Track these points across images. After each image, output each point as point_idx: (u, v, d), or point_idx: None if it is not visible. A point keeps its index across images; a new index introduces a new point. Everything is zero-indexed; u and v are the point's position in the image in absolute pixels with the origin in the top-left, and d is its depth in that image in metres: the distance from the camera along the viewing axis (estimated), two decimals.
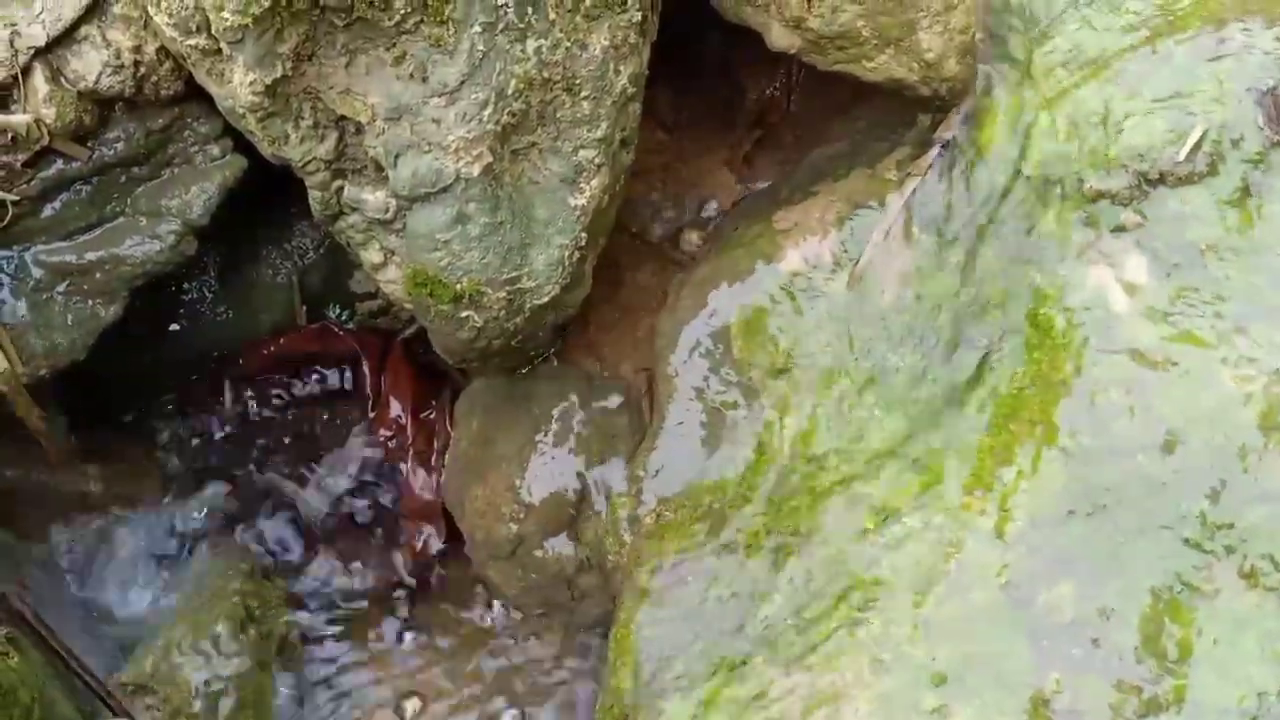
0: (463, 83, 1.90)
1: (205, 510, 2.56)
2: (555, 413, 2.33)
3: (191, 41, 1.89)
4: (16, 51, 2.08)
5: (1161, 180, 2.03)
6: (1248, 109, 2.04)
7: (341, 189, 2.03)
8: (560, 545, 2.29)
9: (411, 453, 2.59)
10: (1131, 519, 1.88)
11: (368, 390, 2.66)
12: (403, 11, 1.82)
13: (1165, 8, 2.15)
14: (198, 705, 2.28)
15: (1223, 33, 2.10)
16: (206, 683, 2.28)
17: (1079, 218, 2.06)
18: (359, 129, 1.95)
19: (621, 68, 2.02)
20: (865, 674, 1.89)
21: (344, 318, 2.70)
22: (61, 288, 2.27)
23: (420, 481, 2.57)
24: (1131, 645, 1.81)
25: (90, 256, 2.26)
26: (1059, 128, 2.11)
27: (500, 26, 1.88)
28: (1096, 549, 1.88)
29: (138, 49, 2.10)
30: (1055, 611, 1.86)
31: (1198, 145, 2.02)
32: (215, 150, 2.26)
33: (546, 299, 2.15)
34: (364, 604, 2.50)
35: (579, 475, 2.28)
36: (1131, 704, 1.79)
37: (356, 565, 2.55)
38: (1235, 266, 1.98)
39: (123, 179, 2.26)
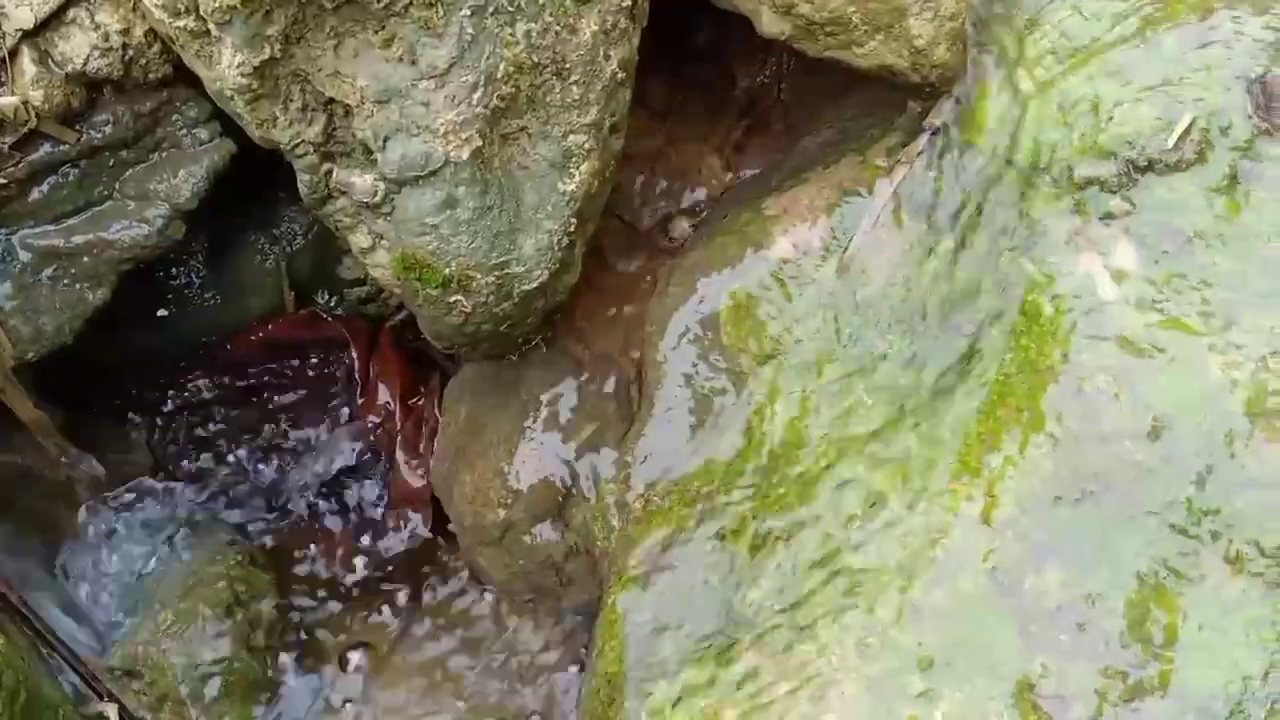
0: (452, 66, 1.89)
1: (193, 495, 2.55)
2: (544, 399, 2.33)
3: (180, 23, 1.88)
4: (4, 34, 2.07)
5: (1150, 168, 2.03)
6: (1236, 97, 2.04)
7: (330, 172, 2.02)
8: (548, 531, 2.29)
9: (400, 439, 2.59)
10: (1118, 505, 1.88)
11: (356, 377, 2.65)
12: None
13: None
14: (184, 689, 2.28)
15: (1212, 20, 2.10)
16: (193, 667, 2.28)
17: (1068, 205, 2.06)
18: (348, 112, 1.94)
19: (612, 53, 2.02)
20: (852, 658, 1.89)
21: (333, 304, 2.69)
22: (49, 271, 2.26)
23: (409, 468, 2.56)
24: (1118, 630, 1.82)
25: (78, 240, 2.26)
26: (1048, 115, 2.11)
27: (490, 9, 1.87)
28: (1083, 535, 1.88)
29: (126, 31, 2.10)
30: (1042, 597, 1.86)
31: (1186, 133, 2.03)
32: (204, 134, 2.26)
33: (536, 284, 2.14)
34: (351, 590, 2.50)
35: (567, 461, 2.28)
36: (1117, 689, 1.79)
37: (344, 551, 2.54)
38: (1223, 254, 1.98)
39: (111, 162, 2.25)
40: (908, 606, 1.91)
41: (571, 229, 2.12)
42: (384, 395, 2.63)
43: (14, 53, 2.09)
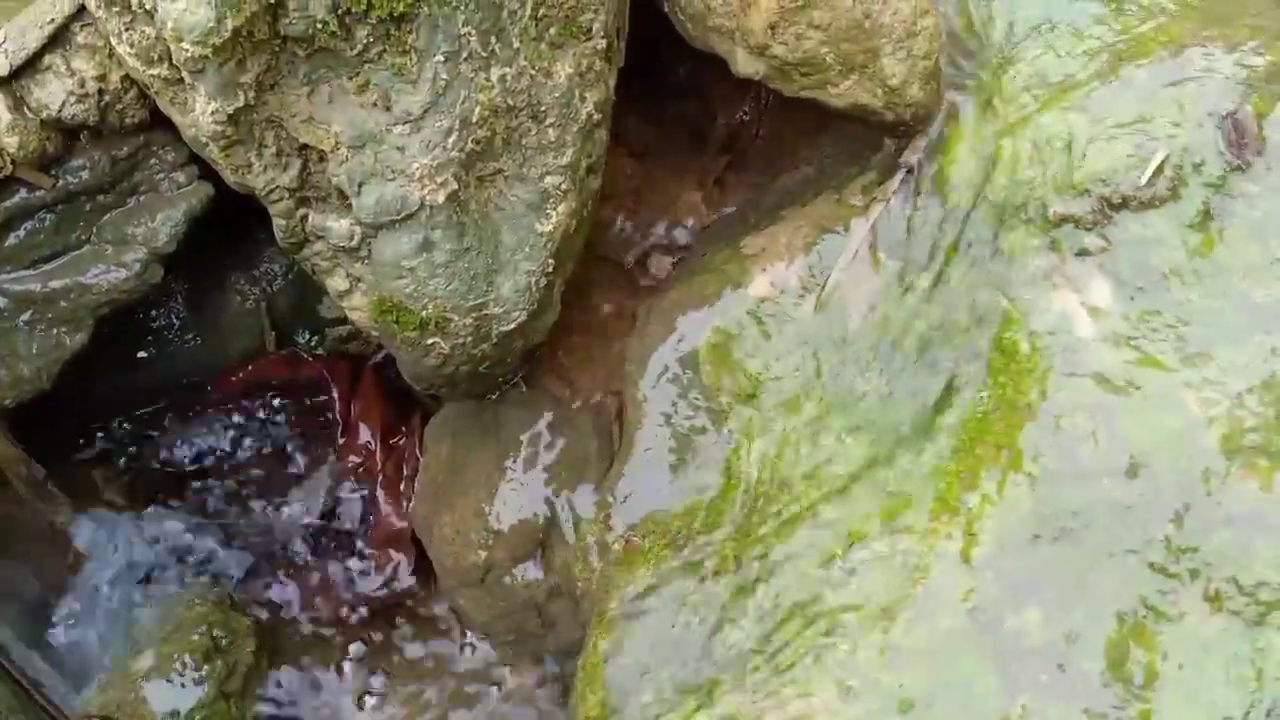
0: (426, 111, 1.90)
1: (172, 539, 2.54)
2: (524, 439, 2.32)
3: (154, 71, 1.89)
4: None
5: (1124, 204, 2.05)
6: (1209, 133, 2.05)
7: (306, 217, 2.02)
8: (529, 572, 2.28)
9: (381, 479, 2.58)
10: (1097, 543, 1.88)
11: (337, 416, 2.64)
12: (365, 41, 1.82)
13: (1126, 33, 2.17)
14: None
15: (1184, 57, 2.12)
16: (171, 713, 2.26)
17: (1043, 242, 2.07)
18: (322, 157, 1.94)
19: (587, 95, 2.02)
20: (833, 700, 1.88)
21: (314, 343, 2.68)
22: (26, 316, 2.26)
23: (389, 508, 2.55)
24: (1098, 670, 1.82)
25: (55, 285, 2.25)
26: (1022, 152, 2.12)
27: (464, 55, 1.88)
28: (1062, 574, 1.88)
29: (102, 78, 2.09)
30: (1022, 637, 1.86)
31: (1159, 169, 2.04)
32: (181, 178, 2.25)
33: (514, 325, 2.14)
34: (332, 632, 2.48)
35: (548, 501, 2.27)
36: None
37: (325, 593, 2.53)
38: (1198, 290, 1.99)
39: (88, 207, 2.25)
40: (888, 647, 1.90)
41: (549, 269, 2.12)
42: (365, 435, 2.62)
43: None
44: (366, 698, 2.42)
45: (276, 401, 2.67)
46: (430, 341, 2.12)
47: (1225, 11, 2.20)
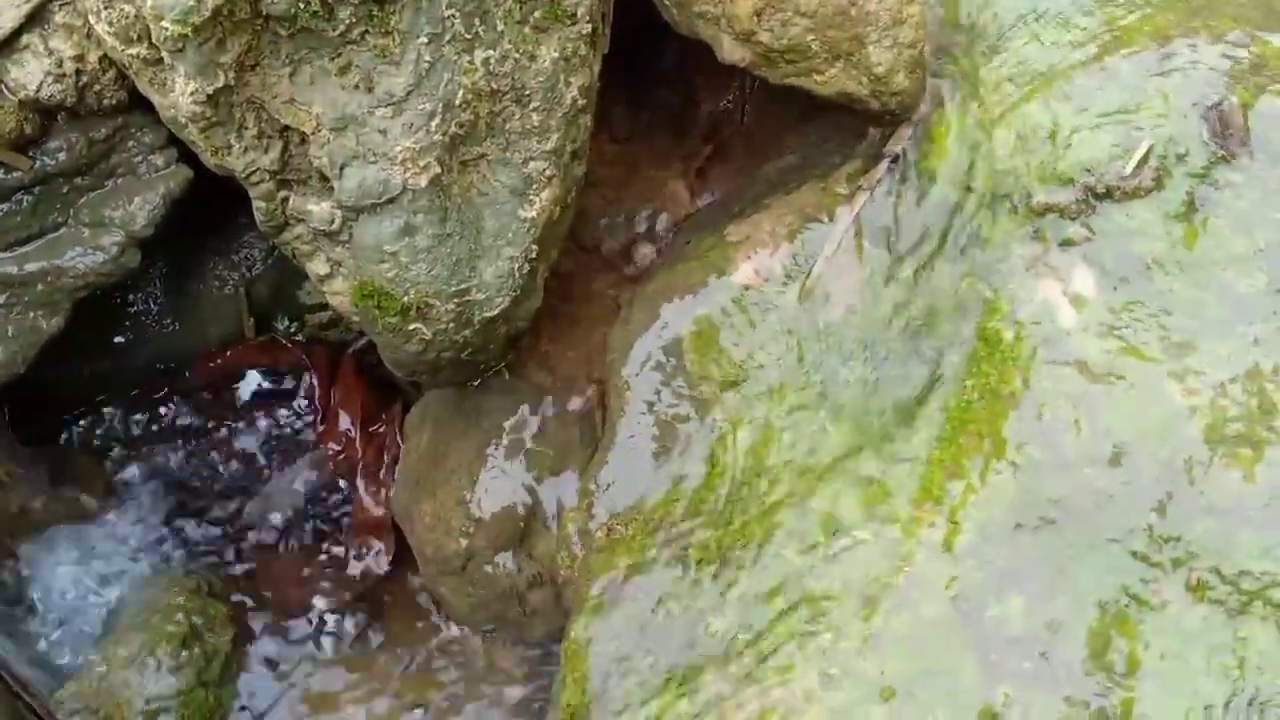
0: (409, 93, 1.88)
1: (150, 525, 2.51)
2: (506, 426, 2.31)
3: (133, 51, 1.86)
4: None
5: (1108, 194, 2.05)
6: (1193, 124, 2.06)
7: (286, 200, 2.00)
8: (511, 560, 2.27)
9: (361, 467, 2.56)
10: (1079, 532, 1.88)
11: (317, 403, 2.62)
12: (347, 22, 1.80)
13: (1112, 23, 2.17)
14: None
15: (1169, 48, 2.12)
16: (148, 701, 2.25)
17: (1027, 231, 2.07)
18: (304, 139, 1.92)
19: (572, 79, 2.01)
20: (815, 688, 1.88)
21: (293, 329, 2.67)
22: (1, 299, 2.23)
23: (370, 496, 2.54)
24: (1080, 659, 1.82)
25: (31, 268, 2.23)
26: (1007, 142, 2.12)
27: (447, 37, 1.86)
28: (1044, 562, 1.88)
29: (80, 58, 2.07)
30: (1004, 625, 1.86)
31: (1144, 160, 2.04)
32: (159, 160, 2.23)
33: (496, 311, 2.13)
34: (310, 621, 2.47)
35: (530, 489, 2.26)
36: (1080, 718, 1.79)
37: (304, 580, 2.51)
38: (1181, 280, 1.99)
39: (65, 189, 2.22)
40: (870, 635, 1.90)
41: (532, 255, 2.11)
42: (345, 422, 2.60)
43: None
44: (345, 685, 2.40)
45: (256, 388, 2.65)
46: (412, 327, 2.10)
47: (1210, 3, 2.20)
